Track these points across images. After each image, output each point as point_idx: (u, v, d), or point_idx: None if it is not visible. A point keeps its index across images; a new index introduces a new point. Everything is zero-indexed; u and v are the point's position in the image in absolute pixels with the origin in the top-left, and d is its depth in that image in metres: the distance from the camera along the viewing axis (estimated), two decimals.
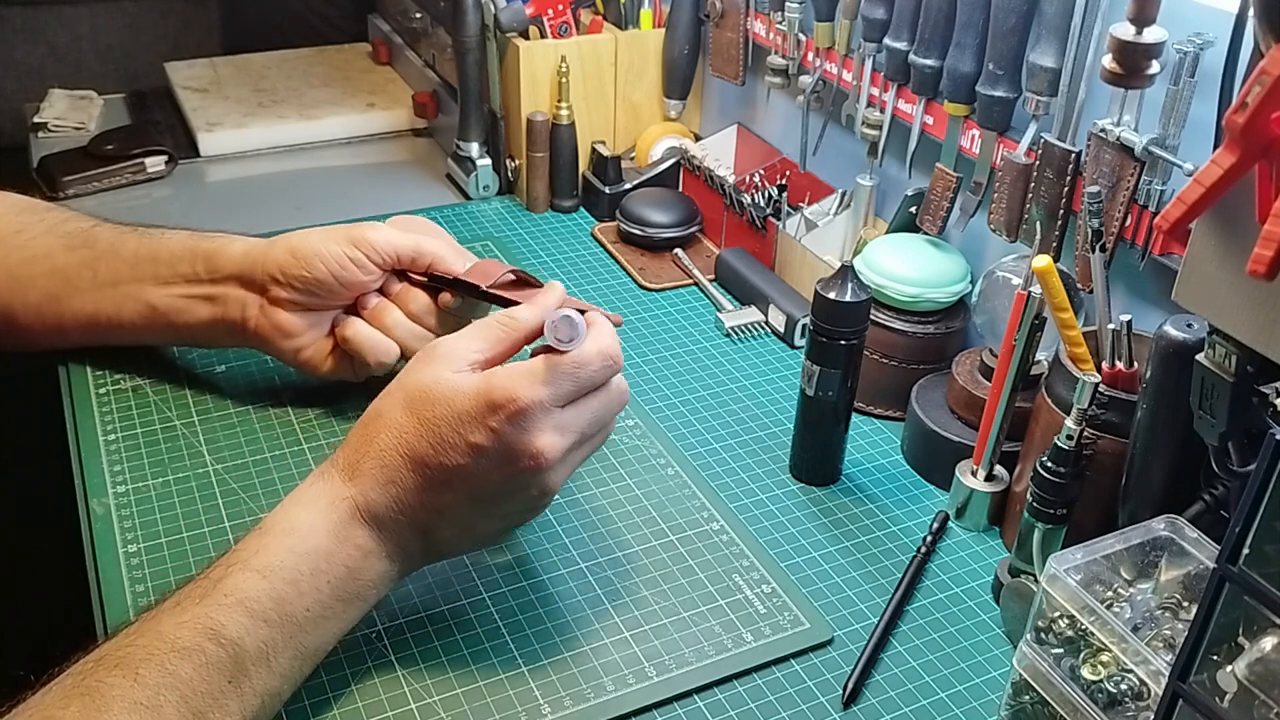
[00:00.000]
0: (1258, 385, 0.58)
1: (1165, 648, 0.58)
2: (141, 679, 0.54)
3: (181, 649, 0.55)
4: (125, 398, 0.88)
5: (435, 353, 0.65)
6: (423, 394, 0.63)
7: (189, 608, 0.57)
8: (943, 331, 0.90)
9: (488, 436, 0.62)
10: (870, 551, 0.79)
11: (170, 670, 0.54)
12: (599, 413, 0.66)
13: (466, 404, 0.62)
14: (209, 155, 1.32)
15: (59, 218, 0.89)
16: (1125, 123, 0.74)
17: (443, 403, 0.62)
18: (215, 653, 0.56)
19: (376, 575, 0.64)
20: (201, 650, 0.56)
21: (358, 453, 0.64)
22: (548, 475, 0.64)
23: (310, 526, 0.62)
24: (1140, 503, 0.68)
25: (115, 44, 1.64)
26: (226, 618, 0.57)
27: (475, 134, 1.24)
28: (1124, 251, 0.77)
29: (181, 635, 0.56)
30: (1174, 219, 0.54)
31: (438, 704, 0.65)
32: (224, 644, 0.56)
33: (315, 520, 0.62)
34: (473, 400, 0.62)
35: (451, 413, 0.62)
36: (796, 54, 1.05)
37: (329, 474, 0.64)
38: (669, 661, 0.68)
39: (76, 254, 0.86)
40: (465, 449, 0.62)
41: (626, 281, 1.11)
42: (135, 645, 0.55)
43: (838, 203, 1.06)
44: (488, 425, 0.61)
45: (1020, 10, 0.80)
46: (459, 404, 0.62)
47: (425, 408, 0.63)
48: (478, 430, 0.62)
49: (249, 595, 0.58)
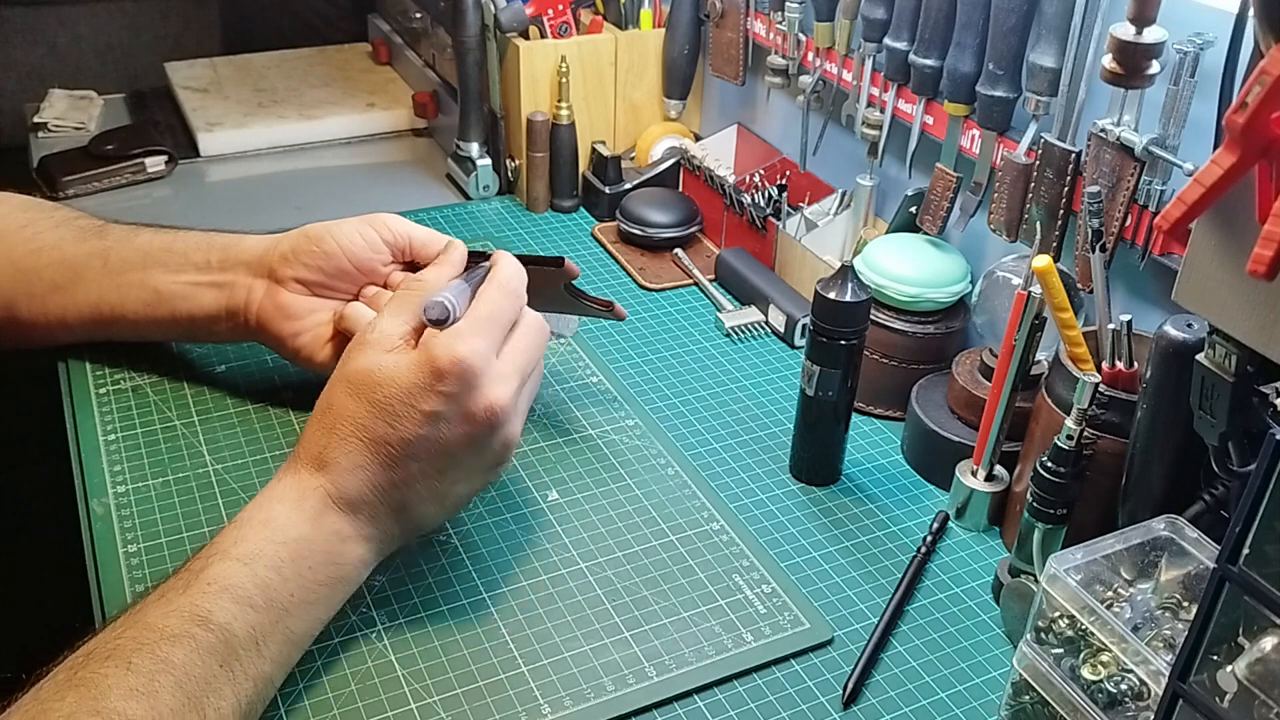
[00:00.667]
0: (1258, 385, 0.58)
1: (1165, 648, 0.58)
2: (135, 667, 0.54)
3: (171, 636, 0.56)
4: (125, 397, 0.88)
5: (366, 339, 0.67)
6: (365, 378, 0.65)
7: (174, 598, 0.58)
8: (943, 331, 0.90)
9: (440, 401, 0.64)
10: (870, 551, 0.79)
11: (162, 656, 0.55)
12: (529, 350, 0.70)
13: (412, 377, 0.64)
14: (209, 155, 1.32)
15: (68, 215, 0.90)
16: (1125, 123, 0.74)
17: (388, 383, 0.64)
18: (205, 638, 0.57)
19: (357, 558, 0.66)
20: (191, 636, 0.56)
21: (319, 444, 0.65)
22: (505, 426, 0.67)
23: (287, 517, 0.63)
24: (1140, 503, 0.68)
25: (115, 44, 1.63)
26: (213, 604, 0.58)
27: (475, 134, 1.24)
28: (1124, 251, 0.77)
29: (169, 623, 0.56)
30: (1174, 219, 0.54)
31: (438, 704, 0.65)
32: (213, 629, 0.57)
33: (289, 511, 0.63)
34: (417, 372, 0.64)
35: (399, 389, 0.64)
36: (796, 54, 1.05)
37: (295, 468, 0.66)
38: (669, 661, 0.68)
39: (87, 244, 0.86)
40: (420, 419, 0.64)
41: (626, 281, 1.11)
42: (124, 637, 0.56)
43: (838, 203, 1.06)
44: (438, 391, 0.64)
45: (1020, 10, 0.80)
46: (404, 379, 0.64)
47: (372, 391, 0.64)
48: (429, 398, 0.64)
49: (233, 582, 0.59)
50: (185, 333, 0.89)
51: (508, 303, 0.69)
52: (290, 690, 0.64)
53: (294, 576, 0.62)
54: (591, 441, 0.87)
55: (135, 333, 0.88)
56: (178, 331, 0.89)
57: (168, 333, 0.90)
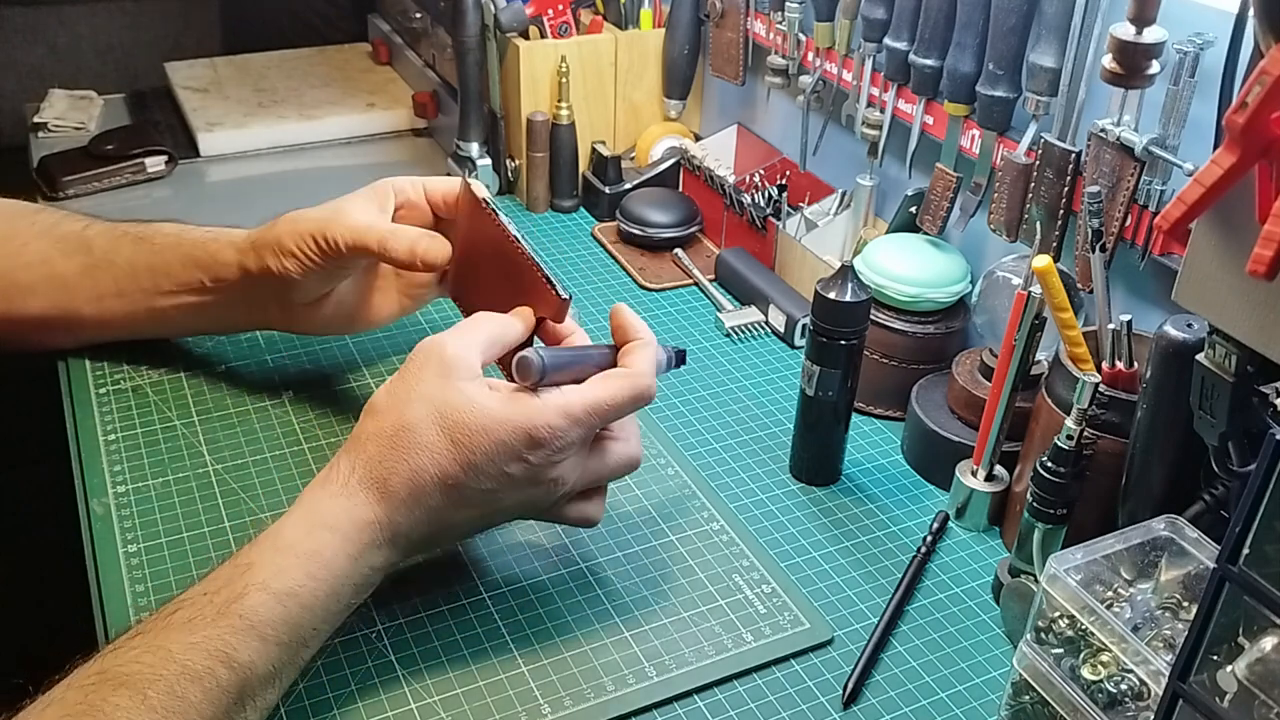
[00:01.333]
0: (1258, 385, 0.58)
1: (1165, 648, 0.58)
2: (149, 701, 0.52)
3: (193, 673, 0.54)
4: (125, 397, 0.88)
5: (444, 358, 0.63)
6: (457, 417, 0.62)
7: (200, 628, 0.56)
8: (943, 331, 0.90)
9: (523, 469, 0.63)
10: (870, 551, 0.79)
11: (179, 694, 0.53)
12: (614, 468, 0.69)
13: (507, 436, 0.62)
14: (209, 155, 1.32)
15: (50, 220, 0.88)
16: (1125, 123, 0.74)
17: (481, 432, 0.61)
18: (227, 678, 0.55)
19: (375, 584, 0.65)
20: (213, 675, 0.55)
21: (386, 468, 0.62)
22: (559, 494, 0.66)
23: (334, 552, 0.60)
24: (1140, 503, 0.68)
25: (115, 44, 1.63)
26: (240, 642, 0.56)
27: (475, 134, 1.24)
28: (1124, 251, 0.77)
29: (193, 658, 0.55)
30: (1174, 219, 0.54)
31: (438, 704, 0.65)
32: (235, 668, 0.55)
33: (338, 545, 0.61)
34: (514, 433, 0.62)
35: (490, 443, 0.61)
36: (796, 54, 1.05)
37: (353, 489, 0.62)
38: (669, 661, 0.68)
39: (74, 260, 0.85)
40: (499, 476, 0.62)
41: (626, 281, 1.11)
42: (141, 663, 0.54)
43: (838, 203, 1.06)
44: (525, 459, 0.62)
45: (1020, 10, 0.80)
46: (499, 434, 0.61)
47: (462, 433, 0.61)
48: (515, 462, 0.62)
49: (264, 619, 0.57)
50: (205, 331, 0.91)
51: (628, 406, 0.66)
52: (290, 690, 0.64)
53: (321, 610, 0.60)
54: None
55: (152, 335, 0.90)
56: (195, 331, 0.91)
57: (185, 334, 0.92)
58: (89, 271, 0.85)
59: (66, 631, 0.62)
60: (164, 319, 0.86)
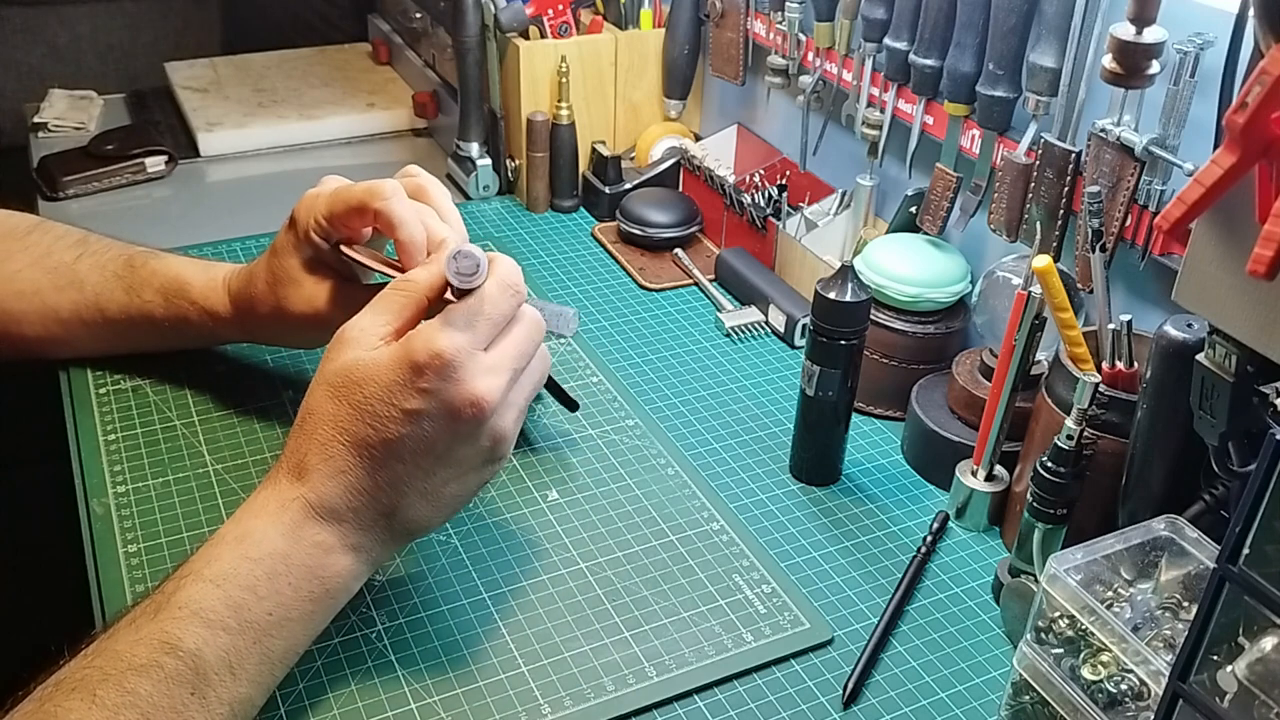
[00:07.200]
0: (1258, 385, 0.58)
1: (1165, 648, 0.59)
2: (99, 700, 0.53)
3: (139, 666, 0.54)
4: (125, 398, 0.88)
5: (345, 337, 0.64)
6: (344, 379, 0.62)
7: (143, 624, 0.57)
8: (943, 331, 0.90)
9: (422, 399, 0.61)
10: (870, 551, 0.79)
11: (128, 689, 0.53)
12: (522, 344, 0.66)
13: (391, 374, 0.61)
14: (209, 155, 1.32)
15: (41, 247, 0.87)
16: (1125, 123, 0.74)
17: (367, 381, 0.61)
18: (173, 666, 0.55)
19: (342, 570, 0.63)
20: (159, 665, 0.55)
21: (299, 452, 0.63)
22: (494, 421, 0.64)
23: (262, 532, 0.61)
24: (1140, 503, 0.68)
25: (115, 44, 1.63)
26: (182, 630, 0.56)
27: (475, 134, 1.24)
28: (1124, 251, 0.77)
29: (138, 652, 0.55)
30: (1174, 219, 0.54)
31: (438, 704, 0.65)
32: (181, 656, 0.55)
33: (266, 525, 0.61)
34: (396, 369, 0.61)
35: (379, 388, 0.61)
36: (796, 54, 1.05)
37: (275, 479, 0.63)
38: (669, 661, 0.68)
39: (65, 295, 0.86)
40: (402, 417, 0.61)
41: (626, 281, 1.11)
42: (92, 667, 0.55)
43: (838, 203, 1.06)
44: (418, 387, 0.61)
45: (1020, 10, 0.80)
46: (383, 377, 0.61)
47: (352, 391, 0.62)
48: (410, 396, 0.61)
49: (203, 605, 0.57)
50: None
51: (502, 298, 0.64)
52: (290, 690, 0.64)
53: (271, 594, 0.59)
54: (591, 441, 0.87)
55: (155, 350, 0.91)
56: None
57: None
58: (79, 311, 0.86)
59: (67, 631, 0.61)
60: (160, 348, 0.89)
